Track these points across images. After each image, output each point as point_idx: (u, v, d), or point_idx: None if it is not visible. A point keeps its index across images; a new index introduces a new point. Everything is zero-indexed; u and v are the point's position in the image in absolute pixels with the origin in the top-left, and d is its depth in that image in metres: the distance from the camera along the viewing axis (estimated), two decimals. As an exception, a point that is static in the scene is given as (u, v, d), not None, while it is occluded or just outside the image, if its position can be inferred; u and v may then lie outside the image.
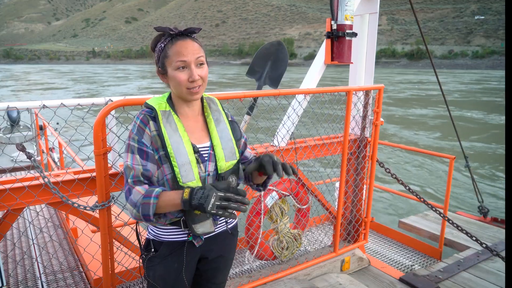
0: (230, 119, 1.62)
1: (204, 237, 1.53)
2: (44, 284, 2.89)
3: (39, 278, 2.97)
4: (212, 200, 1.24)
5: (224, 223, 1.60)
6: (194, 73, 1.38)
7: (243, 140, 1.67)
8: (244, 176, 1.64)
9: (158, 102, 1.47)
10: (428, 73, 68.95)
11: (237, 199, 1.26)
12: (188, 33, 1.42)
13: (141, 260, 1.59)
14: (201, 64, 1.42)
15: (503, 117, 19.16)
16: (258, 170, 1.50)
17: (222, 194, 1.26)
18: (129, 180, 1.38)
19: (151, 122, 1.42)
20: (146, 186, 1.38)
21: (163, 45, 1.42)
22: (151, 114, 1.44)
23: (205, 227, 1.45)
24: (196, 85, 1.40)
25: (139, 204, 1.34)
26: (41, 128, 6.20)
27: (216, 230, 1.57)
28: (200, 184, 1.43)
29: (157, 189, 1.36)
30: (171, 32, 1.40)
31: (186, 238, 1.50)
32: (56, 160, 6.07)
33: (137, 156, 1.39)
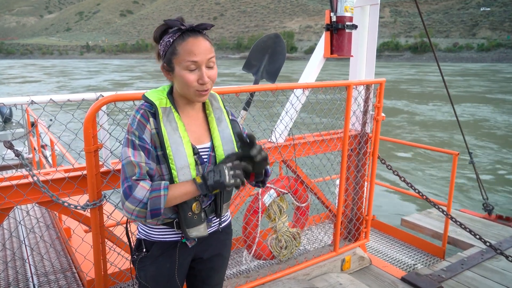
0: (231, 117, 1.58)
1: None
2: (36, 286, 2.89)
3: (31, 280, 2.97)
4: (226, 172, 1.30)
5: (217, 223, 1.58)
6: (205, 75, 1.34)
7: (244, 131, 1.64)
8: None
9: (158, 97, 1.41)
10: (425, 66, 70.04)
11: (242, 164, 1.35)
12: (200, 29, 1.35)
13: (132, 261, 1.58)
14: (212, 65, 1.37)
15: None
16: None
17: (230, 164, 1.33)
18: (133, 177, 1.31)
19: (151, 119, 1.37)
20: (148, 181, 1.34)
21: (171, 40, 1.34)
22: (151, 109, 1.39)
23: (199, 231, 1.43)
24: (206, 88, 1.36)
25: (146, 200, 1.29)
26: (33, 124, 6.18)
27: (209, 230, 1.55)
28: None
29: (165, 182, 1.34)
30: (182, 27, 1.33)
31: (179, 238, 1.48)
32: (48, 157, 6.05)
33: (142, 153, 1.34)
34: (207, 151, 1.46)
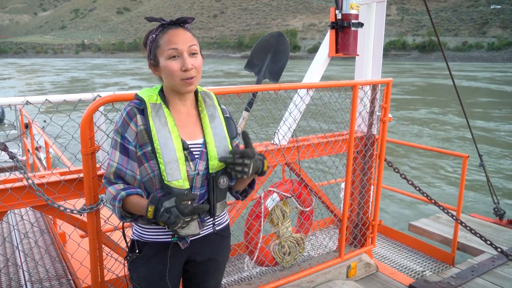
0: (226, 115, 1.63)
1: (191, 238, 1.53)
2: (30, 293, 2.89)
3: (25, 287, 2.97)
4: (179, 224, 1.31)
5: (212, 225, 1.60)
6: (187, 61, 1.40)
7: (236, 141, 1.67)
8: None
9: (148, 94, 1.48)
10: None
11: (194, 218, 1.34)
12: (180, 23, 1.45)
13: (126, 263, 1.62)
14: (194, 53, 1.44)
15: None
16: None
17: (188, 219, 1.32)
18: (103, 180, 1.49)
19: (138, 116, 1.43)
20: (117, 186, 1.43)
21: (154, 36, 1.45)
22: (140, 106, 1.45)
23: (189, 229, 1.44)
24: (190, 75, 1.42)
25: (111, 205, 1.43)
26: (26, 126, 6.19)
27: (203, 231, 1.58)
28: (187, 184, 1.44)
29: (122, 193, 1.41)
30: (162, 22, 1.43)
31: (171, 239, 1.51)
32: (43, 160, 6.06)
33: (117, 152, 1.44)
34: (199, 147, 1.50)
